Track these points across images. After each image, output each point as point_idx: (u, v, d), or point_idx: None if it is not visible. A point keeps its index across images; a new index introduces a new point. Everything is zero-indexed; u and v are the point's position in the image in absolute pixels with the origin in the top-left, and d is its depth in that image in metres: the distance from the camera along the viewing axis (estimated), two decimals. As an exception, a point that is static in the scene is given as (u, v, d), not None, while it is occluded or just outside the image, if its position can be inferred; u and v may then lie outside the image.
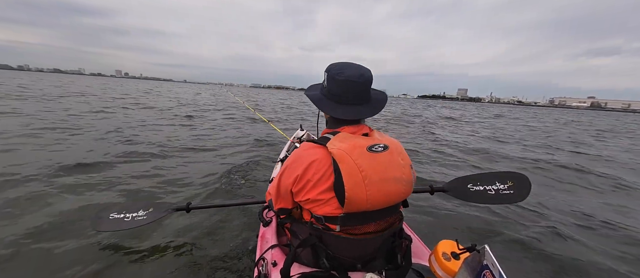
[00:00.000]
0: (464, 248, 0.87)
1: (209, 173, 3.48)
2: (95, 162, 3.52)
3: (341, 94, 0.94)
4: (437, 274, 0.90)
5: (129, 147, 4.39)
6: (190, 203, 1.71)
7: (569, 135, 10.60)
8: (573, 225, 2.52)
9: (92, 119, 6.97)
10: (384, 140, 0.93)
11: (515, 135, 9.83)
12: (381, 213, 0.92)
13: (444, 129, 10.71)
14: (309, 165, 0.88)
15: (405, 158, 0.94)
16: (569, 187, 3.82)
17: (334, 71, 0.94)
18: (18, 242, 1.83)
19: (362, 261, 0.96)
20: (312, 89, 1.08)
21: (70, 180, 2.92)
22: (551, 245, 2.16)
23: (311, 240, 0.94)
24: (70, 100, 11.24)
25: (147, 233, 2.04)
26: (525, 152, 6.30)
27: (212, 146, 5.04)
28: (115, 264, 1.72)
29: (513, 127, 12.96)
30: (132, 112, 9.10)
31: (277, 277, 0.94)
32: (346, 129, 0.95)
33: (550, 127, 14.43)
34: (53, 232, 1.97)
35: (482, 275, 0.81)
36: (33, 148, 3.98)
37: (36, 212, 2.22)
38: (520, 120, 19.53)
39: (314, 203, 0.90)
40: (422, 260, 1.09)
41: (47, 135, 4.86)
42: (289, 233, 1.12)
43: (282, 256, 1.11)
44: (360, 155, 0.85)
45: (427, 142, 7.13)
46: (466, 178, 1.64)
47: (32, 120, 6.00)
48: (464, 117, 18.98)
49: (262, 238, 1.32)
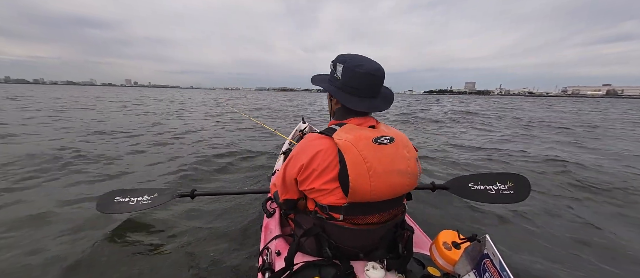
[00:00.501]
0: (464, 237, 0.87)
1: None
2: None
3: (359, 87, 0.94)
4: (437, 263, 0.90)
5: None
6: (195, 190, 1.74)
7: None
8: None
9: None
10: (390, 133, 0.93)
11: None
12: (385, 204, 0.93)
13: (472, 127, 8.95)
14: (314, 154, 0.89)
15: (411, 151, 0.94)
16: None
17: (352, 63, 0.93)
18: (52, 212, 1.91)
19: (365, 250, 0.98)
20: (321, 80, 1.08)
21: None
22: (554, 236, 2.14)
23: (314, 230, 0.95)
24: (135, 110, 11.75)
25: (151, 218, 2.10)
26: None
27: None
28: (118, 248, 1.78)
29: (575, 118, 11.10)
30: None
31: (281, 265, 0.96)
32: (353, 121, 0.96)
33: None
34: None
35: (482, 264, 0.82)
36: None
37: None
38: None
39: (319, 192, 0.91)
40: (423, 249, 1.10)
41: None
42: (293, 223, 1.14)
43: (286, 246, 1.14)
44: (366, 146, 0.85)
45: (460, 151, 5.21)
46: (467, 177, 1.68)
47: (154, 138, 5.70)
48: (484, 110, 17.22)
49: (265, 228, 1.35)
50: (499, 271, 0.75)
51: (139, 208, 1.67)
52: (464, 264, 0.84)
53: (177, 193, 1.74)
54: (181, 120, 8.87)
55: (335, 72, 0.98)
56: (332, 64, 1.01)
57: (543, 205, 2.68)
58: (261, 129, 6.90)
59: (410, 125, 9.67)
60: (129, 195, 1.76)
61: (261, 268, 1.03)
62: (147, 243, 1.85)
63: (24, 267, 1.60)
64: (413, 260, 1.01)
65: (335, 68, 0.99)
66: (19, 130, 5.70)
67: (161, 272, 1.60)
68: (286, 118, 11.11)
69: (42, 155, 3.71)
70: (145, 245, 1.84)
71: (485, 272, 0.80)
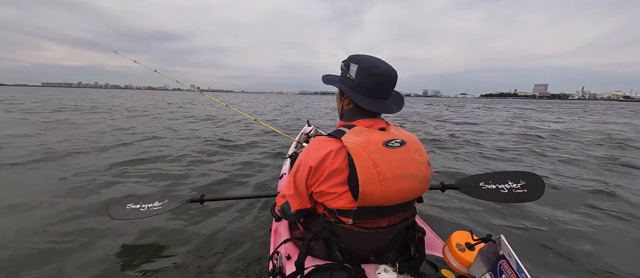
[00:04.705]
0: (478, 238, 0.85)
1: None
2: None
3: (373, 88, 0.92)
4: (451, 265, 0.88)
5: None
6: (204, 195, 1.75)
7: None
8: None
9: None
10: (401, 135, 0.91)
11: None
12: (395, 208, 0.92)
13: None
14: (324, 156, 0.88)
15: (423, 155, 0.92)
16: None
17: (367, 64, 0.92)
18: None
19: (375, 253, 0.97)
20: (333, 80, 1.06)
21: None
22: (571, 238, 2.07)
23: (324, 233, 0.94)
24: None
25: (161, 224, 2.13)
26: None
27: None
28: (129, 254, 1.81)
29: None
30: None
31: (292, 269, 0.95)
32: (362, 123, 0.94)
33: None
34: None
35: (498, 266, 0.80)
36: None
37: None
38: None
39: (328, 196, 0.90)
40: (435, 251, 1.08)
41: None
42: (302, 227, 1.13)
43: (296, 250, 1.13)
44: (376, 150, 0.84)
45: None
46: (478, 177, 1.62)
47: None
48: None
49: (275, 232, 1.35)
50: (516, 272, 0.72)
51: (150, 215, 1.69)
52: (479, 266, 0.82)
53: (186, 199, 1.76)
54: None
55: (349, 72, 0.97)
56: (343, 64, 1.00)
57: (558, 203, 2.61)
58: (269, 131, 6.95)
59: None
60: (141, 202, 1.79)
61: (272, 272, 1.03)
62: (157, 249, 1.87)
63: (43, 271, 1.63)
64: (426, 263, 0.99)
65: (348, 68, 0.97)
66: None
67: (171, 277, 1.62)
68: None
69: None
70: (155, 250, 1.86)
71: (502, 274, 0.77)
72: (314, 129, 4.22)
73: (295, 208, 1.00)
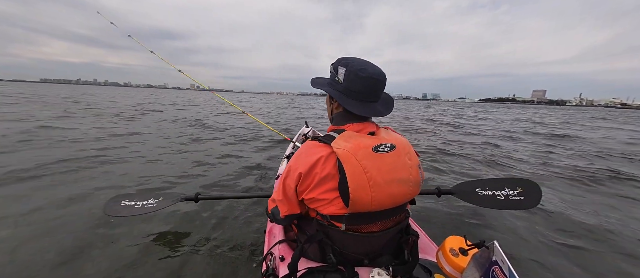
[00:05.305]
0: (472, 244, 0.85)
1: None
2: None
3: (362, 91, 0.92)
4: (444, 270, 0.88)
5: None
6: (199, 193, 1.74)
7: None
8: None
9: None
10: (391, 140, 0.90)
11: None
12: (387, 213, 0.91)
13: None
14: (314, 163, 0.87)
15: (413, 158, 0.92)
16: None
17: (355, 67, 0.91)
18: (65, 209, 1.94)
19: (369, 256, 0.96)
20: (321, 84, 1.06)
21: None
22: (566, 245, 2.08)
23: (318, 236, 0.94)
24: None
25: (155, 222, 2.11)
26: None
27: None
28: (122, 251, 1.79)
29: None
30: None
31: (285, 271, 0.95)
32: (352, 127, 0.94)
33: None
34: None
35: (490, 271, 0.80)
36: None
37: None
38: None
39: (319, 202, 0.89)
40: (429, 255, 1.08)
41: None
42: (296, 229, 1.13)
43: (290, 251, 1.13)
44: (366, 156, 0.83)
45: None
46: (474, 182, 1.61)
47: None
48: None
49: (269, 233, 1.34)
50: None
51: (145, 212, 1.69)
52: (471, 271, 0.82)
53: (181, 197, 1.75)
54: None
55: (337, 75, 0.96)
56: (332, 67, 0.99)
57: (555, 210, 2.62)
58: (267, 131, 6.94)
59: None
60: (136, 199, 1.78)
61: (265, 273, 1.02)
62: (150, 248, 1.85)
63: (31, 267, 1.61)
64: (419, 267, 0.98)
65: (336, 71, 0.97)
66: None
67: (163, 276, 1.60)
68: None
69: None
70: (147, 249, 1.84)
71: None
72: (312, 130, 4.21)
73: (284, 214, 1.00)
